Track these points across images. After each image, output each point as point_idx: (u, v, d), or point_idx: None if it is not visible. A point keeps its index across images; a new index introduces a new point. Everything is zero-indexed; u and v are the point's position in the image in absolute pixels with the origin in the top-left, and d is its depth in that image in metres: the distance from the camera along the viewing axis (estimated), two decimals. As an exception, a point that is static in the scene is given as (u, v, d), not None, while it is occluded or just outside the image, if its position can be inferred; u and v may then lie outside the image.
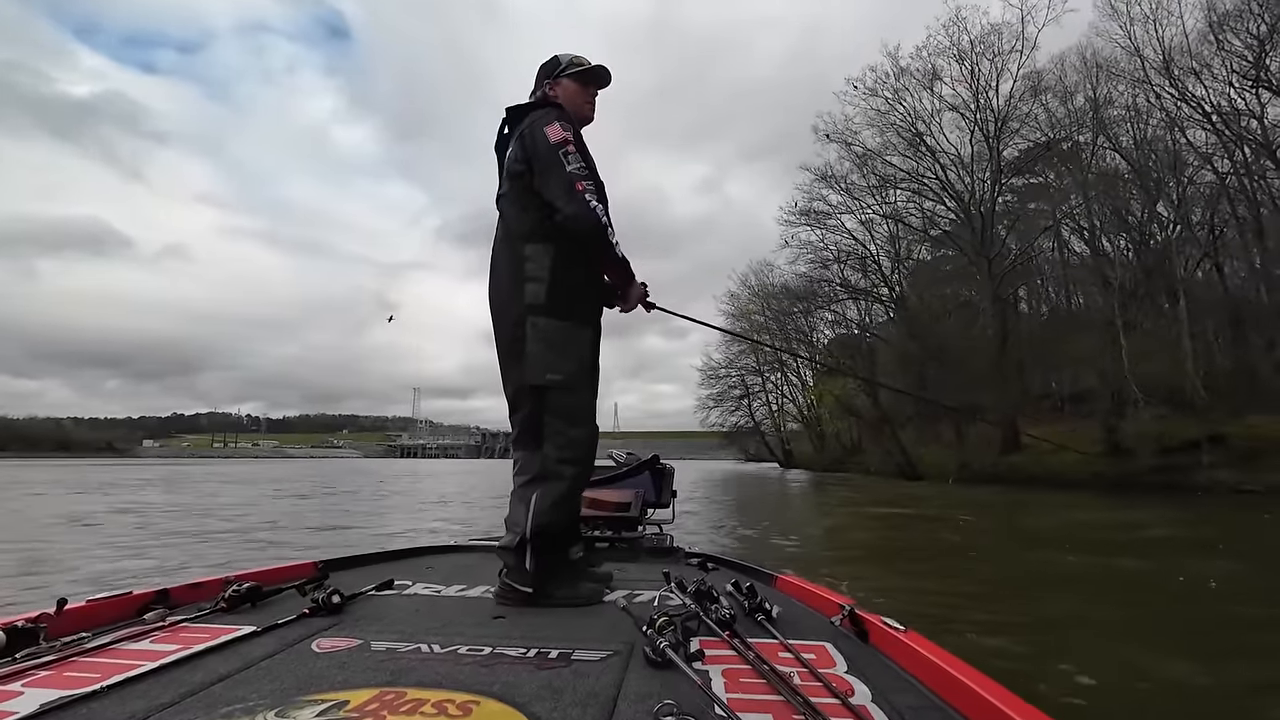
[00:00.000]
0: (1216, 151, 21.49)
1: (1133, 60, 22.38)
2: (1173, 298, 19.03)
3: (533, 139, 1.79)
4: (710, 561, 2.30)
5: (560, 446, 1.77)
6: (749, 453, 56.92)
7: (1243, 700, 2.44)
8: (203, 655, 1.19)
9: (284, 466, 45.47)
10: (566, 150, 1.75)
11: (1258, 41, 20.19)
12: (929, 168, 25.50)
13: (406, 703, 0.95)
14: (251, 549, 6.23)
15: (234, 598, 1.55)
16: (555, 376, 1.76)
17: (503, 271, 1.86)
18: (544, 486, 1.76)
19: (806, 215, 28.33)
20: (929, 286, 27.93)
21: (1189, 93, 21.51)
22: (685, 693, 0.99)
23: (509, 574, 1.75)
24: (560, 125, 1.79)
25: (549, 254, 1.78)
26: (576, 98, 1.98)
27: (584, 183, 1.73)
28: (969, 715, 0.93)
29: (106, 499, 12.66)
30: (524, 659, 1.19)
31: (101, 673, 1.07)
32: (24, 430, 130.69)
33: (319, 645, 1.28)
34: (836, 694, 0.99)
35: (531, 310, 1.77)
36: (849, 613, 1.42)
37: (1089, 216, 23.53)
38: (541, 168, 1.77)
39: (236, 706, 0.95)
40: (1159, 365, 16.93)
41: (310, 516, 9.81)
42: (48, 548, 6.24)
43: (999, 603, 4.16)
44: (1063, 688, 2.47)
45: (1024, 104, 23.56)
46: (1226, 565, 5.52)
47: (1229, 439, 15.38)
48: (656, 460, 3.11)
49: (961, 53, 24.02)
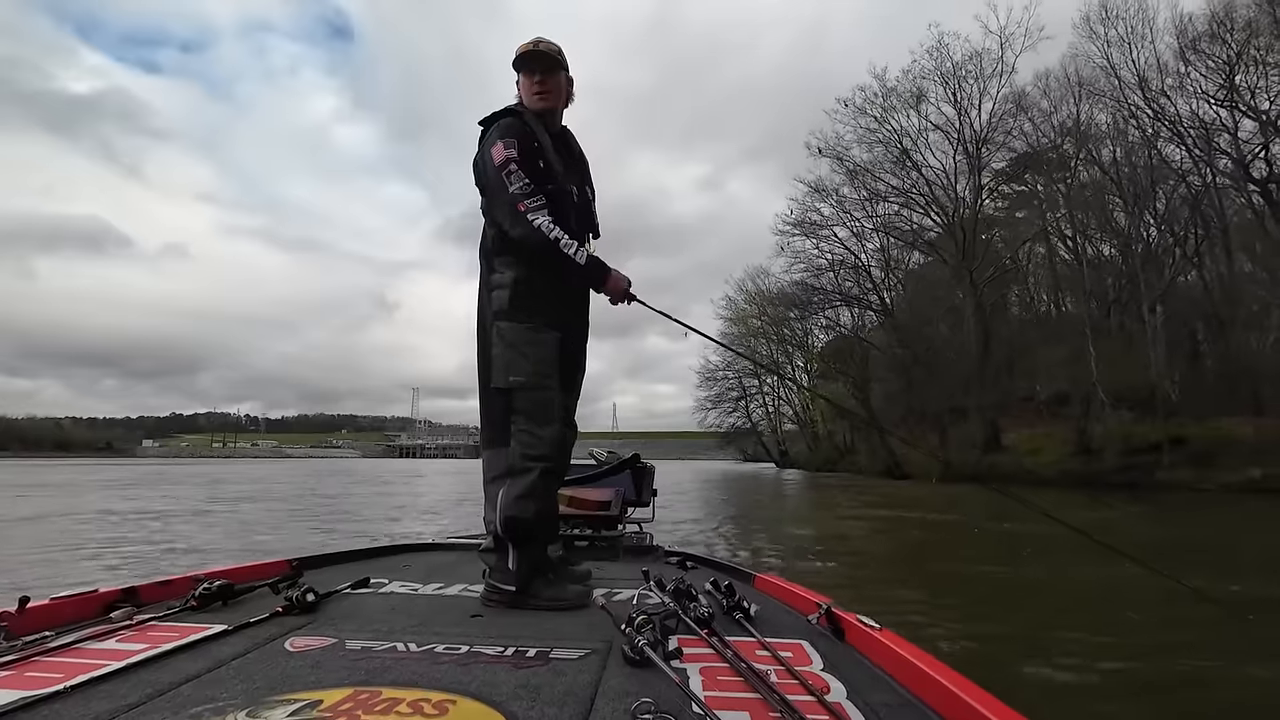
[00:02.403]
0: (1189, 168, 22.72)
1: (1110, 80, 23.64)
2: (1150, 306, 20.22)
3: (482, 163, 1.85)
4: (689, 560, 2.31)
5: (527, 445, 1.79)
6: (747, 453, 57.86)
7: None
8: (171, 654, 1.17)
9: (292, 466, 46.40)
10: (509, 171, 1.77)
11: (1227, 65, 21.40)
12: (915, 183, 26.84)
13: (381, 702, 0.94)
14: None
15: (204, 596, 1.53)
16: (517, 378, 1.79)
17: (479, 280, 1.94)
18: (510, 480, 1.77)
19: (800, 226, 29.61)
20: (918, 293, 29.18)
21: (1162, 112, 22.73)
22: (663, 691, 1.00)
23: (492, 574, 1.76)
24: (503, 144, 1.80)
25: (511, 264, 1.84)
26: (524, 89, 1.98)
27: (526, 202, 1.75)
28: (941, 711, 0.95)
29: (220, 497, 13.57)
30: (502, 658, 1.19)
31: (65, 673, 1.05)
32: (24, 430, 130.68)
33: (292, 644, 1.26)
34: (812, 691, 1.00)
35: (497, 316, 1.83)
36: (826, 611, 1.44)
37: (1072, 225, 24.85)
38: (488, 193, 1.84)
39: (206, 707, 0.93)
40: (1124, 372, 18.10)
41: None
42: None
43: (952, 594, 4.75)
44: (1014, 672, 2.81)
45: (1005, 123, 24.85)
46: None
47: (1190, 440, 16.57)
48: (637, 459, 3.12)
49: (945, 76, 25.42)
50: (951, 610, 4.14)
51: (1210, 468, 15.47)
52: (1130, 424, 17.70)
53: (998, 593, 4.89)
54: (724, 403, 47.25)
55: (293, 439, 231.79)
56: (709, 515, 10.39)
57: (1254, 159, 21.24)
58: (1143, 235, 23.38)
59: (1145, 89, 22.78)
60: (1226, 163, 21.88)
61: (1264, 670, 2.95)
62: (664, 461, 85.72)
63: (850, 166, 27.73)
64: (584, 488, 2.95)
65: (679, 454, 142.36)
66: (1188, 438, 16.60)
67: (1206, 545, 7.45)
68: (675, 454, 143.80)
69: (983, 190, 25.46)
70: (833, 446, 39.04)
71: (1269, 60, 20.76)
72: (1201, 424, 17.03)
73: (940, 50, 25.36)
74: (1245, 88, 21.44)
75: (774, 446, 50.12)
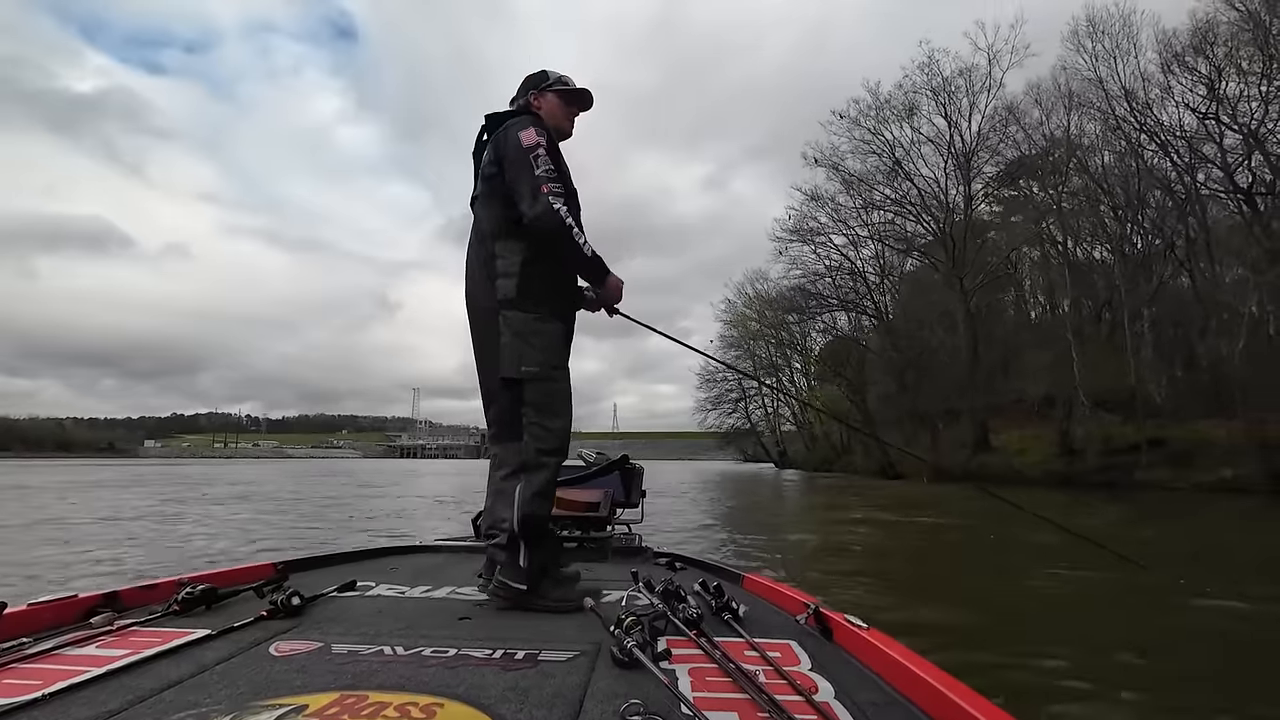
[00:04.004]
0: (1175, 177, 23.44)
1: (1097, 92, 24.39)
2: (1133, 312, 20.95)
3: (505, 140, 1.84)
4: (678, 561, 2.32)
5: (539, 438, 1.79)
6: (747, 454, 58.42)
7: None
8: (153, 660, 1.16)
9: (296, 466, 47.09)
10: (537, 154, 1.78)
11: (1208, 80, 22.13)
12: (907, 192, 27.82)
13: (368, 706, 0.93)
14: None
15: (188, 600, 1.51)
16: (530, 369, 1.79)
17: (475, 270, 1.90)
18: (526, 478, 1.77)
19: (798, 233, 30.50)
20: (913, 297, 29.97)
21: (1147, 124, 23.46)
22: (652, 692, 1.00)
23: (503, 571, 1.75)
24: (535, 130, 1.83)
25: (518, 250, 1.82)
26: (558, 113, 2.02)
27: (550, 185, 1.76)
28: (927, 709, 0.96)
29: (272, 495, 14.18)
30: (490, 660, 1.19)
31: (44, 679, 1.03)
32: (26, 431, 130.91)
33: (277, 648, 1.25)
34: (800, 691, 1.01)
35: (503, 305, 1.81)
36: (814, 611, 1.45)
37: (1063, 230, 25.66)
38: (510, 168, 1.82)
39: (189, 713, 0.92)
40: (1106, 376, 18.87)
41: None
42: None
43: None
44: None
45: (994, 135, 25.86)
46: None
47: (1168, 442, 17.31)
48: (626, 460, 3.11)
49: (935, 90, 26.37)
50: (926, 602, 4.39)
51: (1186, 468, 16.23)
52: (1110, 426, 18.46)
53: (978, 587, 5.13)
54: (724, 404, 47.89)
55: (293, 439, 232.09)
56: (710, 515, 10.88)
57: (1239, 168, 21.98)
58: (1132, 241, 24.17)
59: (1131, 101, 23.55)
60: (1212, 171, 22.64)
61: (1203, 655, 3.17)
62: (665, 462, 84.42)
63: (845, 176, 28.63)
64: (573, 489, 2.93)
65: (680, 454, 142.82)
66: (1166, 439, 17.36)
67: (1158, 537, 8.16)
68: (676, 454, 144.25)
69: (979, 195, 26.41)
70: (829, 447, 39.72)
71: (1251, 70, 21.51)
72: (1181, 426, 17.77)
73: (931, 66, 26.32)
74: (1229, 98, 22.14)
75: (773, 447, 50.73)
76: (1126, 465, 17.27)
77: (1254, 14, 20.93)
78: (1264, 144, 21.21)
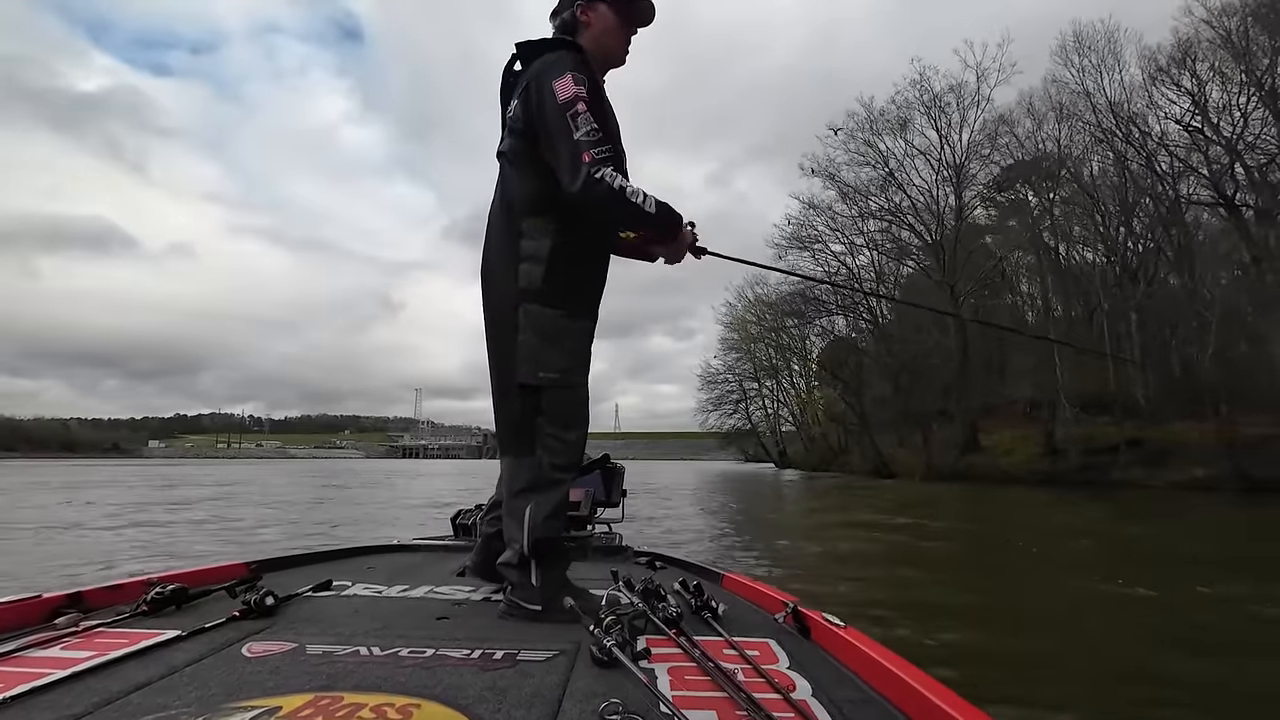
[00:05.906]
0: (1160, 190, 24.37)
1: (1086, 104, 25.35)
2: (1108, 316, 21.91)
3: (539, 96, 1.54)
4: (658, 560, 2.32)
5: (555, 452, 1.61)
6: (747, 454, 59.27)
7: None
8: (120, 662, 1.12)
9: (300, 466, 47.79)
10: (575, 112, 1.49)
11: (1191, 94, 23.05)
12: (900, 202, 29.02)
13: (343, 707, 0.92)
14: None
15: (157, 600, 1.46)
16: (550, 375, 1.59)
17: (496, 245, 1.67)
18: (539, 497, 1.60)
19: (796, 240, 31.60)
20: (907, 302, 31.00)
21: (1133, 135, 24.39)
22: (631, 691, 1.00)
23: (514, 591, 1.62)
24: (573, 78, 1.51)
25: (549, 232, 1.58)
26: (612, 32, 1.72)
27: (593, 151, 1.47)
28: (903, 707, 0.97)
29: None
30: (468, 660, 1.17)
31: (5, 682, 0.99)
32: (31, 431, 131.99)
33: (250, 649, 1.22)
34: (778, 689, 1.02)
35: (525, 296, 1.58)
36: (792, 609, 1.45)
37: (1054, 235, 26.71)
38: (546, 134, 1.54)
39: (158, 716, 0.90)
40: (1088, 379, 19.84)
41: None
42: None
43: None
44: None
45: (982, 148, 27.13)
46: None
47: (1145, 442, 18.25)
48: (607, 459, 3.10)
49: (926, 105, 27.66)
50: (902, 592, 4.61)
51: (1161, 467, 17.18)
52: (1093, 427, 19.43)
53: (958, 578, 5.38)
54: (724, 405, 48.84)
55: (296, 439, 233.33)
56: (710, 516, 11.33)
57: (1224, 178, 22.87)
58: (1122, 248, 25.12)
59: (1116, 114, 24.50)
60: (1195, 182, 23.55)
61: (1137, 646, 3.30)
62: (666, 462, 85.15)
63: (841, 187, 29.77)
64: None
65: (681, 454, 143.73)
66: (1144, 440, 18.31)
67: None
68: (677, 454, 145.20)
69: (973, 200, 27.70)
70: (827, 447, 40.75)
71: (1233, 80, 22.40)
72: (1158, 427, 18.70)
73: (922, 82, 27.64)
74: (1213, 107, 23.02)
75: (773, 447, 51.65)
76: (1105, 465, 18.23)
77: (1231, 32, 21.87)
78: (1242, 157, 22.15)
